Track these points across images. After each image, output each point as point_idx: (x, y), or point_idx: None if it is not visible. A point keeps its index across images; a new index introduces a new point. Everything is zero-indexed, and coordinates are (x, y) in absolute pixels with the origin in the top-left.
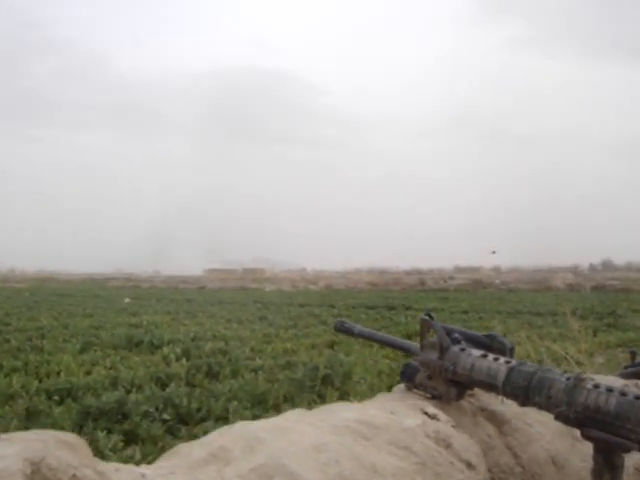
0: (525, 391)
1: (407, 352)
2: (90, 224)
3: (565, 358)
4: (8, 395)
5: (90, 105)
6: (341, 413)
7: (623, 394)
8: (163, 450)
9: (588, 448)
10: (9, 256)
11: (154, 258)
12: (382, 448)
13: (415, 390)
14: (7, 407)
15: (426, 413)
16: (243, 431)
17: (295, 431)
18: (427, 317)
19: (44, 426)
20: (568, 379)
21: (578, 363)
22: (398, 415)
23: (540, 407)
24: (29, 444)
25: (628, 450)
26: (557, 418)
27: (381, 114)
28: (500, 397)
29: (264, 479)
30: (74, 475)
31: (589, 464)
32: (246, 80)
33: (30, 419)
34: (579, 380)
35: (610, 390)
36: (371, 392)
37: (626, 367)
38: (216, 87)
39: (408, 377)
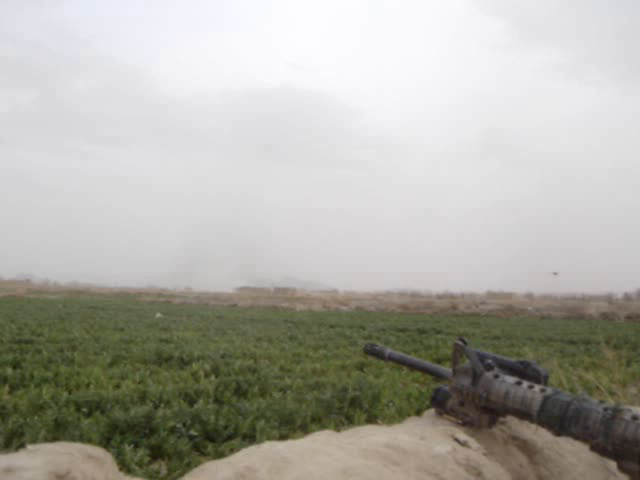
0: (561, 421)
1: (439, 377)
2: (125, 239)
3: (597, 387)
4: (38, 405)
5: (128, 121)
6: (370, 437)
7: None
8: (189, 466)
9: None
10: (44, 268)
11: (186, 274)
12: (411, 474)
13: (446, 416)
14: (36, 417)
15: (457, 440)
16: (270, 451)
17: (323, 453)
18: (460, 342)
19: (72, 437)
20: (605, 410)
21: (611, 393)
22: (428, 440)
23: (576, 438)
24: (55, 457)
25: None
26: (593, 449)
27: (415, 138)
28: (534, 426)
29: None
30: None
31: None
32: (281, 100)
33: (58, 430)
34: (617, 411)
35: None
36: (399, 416)
37: None
38: (252, 107)
39: (439, 402)
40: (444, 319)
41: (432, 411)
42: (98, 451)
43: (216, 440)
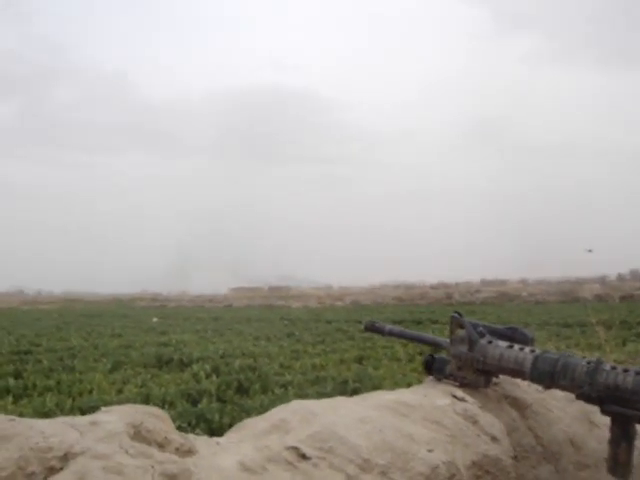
0: (551, 376)
1: (437, 346)
2: (115, 245)
3: None
4: (43, 413)
5: (112, 128)
6: (380, 396)
7: (638, 373)
8: None
9: (604, 432)
10: (36, 279)
11: (179, 278)
12: (417, 422)
13: (445, 380)
14: None
15: (455, 396)
16: (299, 407)
17: (343, 408)
18: (457, 315)
19: None
20: (589, 363)
21: None
22: (430, 397)
23: (564, 389)
24: (127, 413)
25: None
26: (579, 397)
27: (399, 130)
28: (524, 385)
29: (319, 443)
30: (165, 437)
31: (604, 446)
32: (267, 99)
33: None
34: (599, 363)
35: (626, 370)
36: None
37: None
38: (237, 107)
39: (438, 369)
40: (439, 309)
41: (431, 378)
42: (157, 410)
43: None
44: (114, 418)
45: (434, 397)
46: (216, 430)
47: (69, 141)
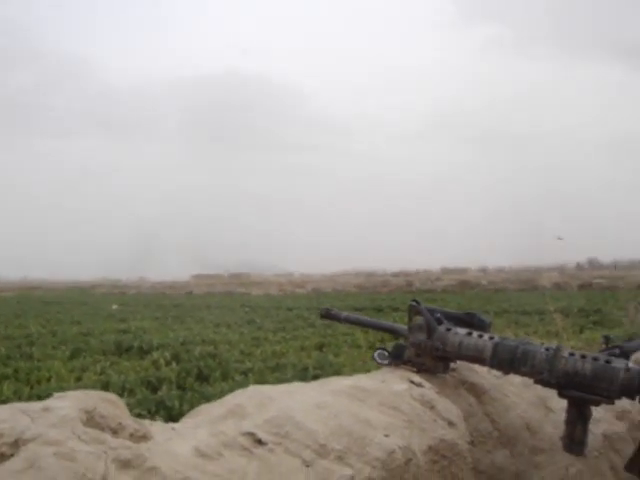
0: (510, 362)
1: (395, 334)
2: (75, 230)
3: None
4: (1, 402)
5: (73, 113)
6: (337, 382)
7: (595, 359)
8: None
9: (559, 416)
10: None
11: (140, 264)
12: (374, 407)
13: (403, 366)
14: None
15: (412, 382)
16: (255, 392)
17: (299, 393)
18: (414, 302)
19: None
20: (547, 349)
21: None
22: (387, 383)
23: (524, 375)
24: (80, 399)
25: (598, 404)
26: (537, 382)
27: (365, 117)
28: (482, 370)
29: (275, 428)
30: (119, 423)
31: (560, 431)
32: (230, 85)
33: None
34: (557, 350)
35: (584, 356)
36: None
37: (601, 351)
38: (200, 93)
39: (396, 354)
40: (400, 296)
41: (390, 368)
42: (112, 396)
43: None
44: (67, 404)
45: (391, 382)
46: (175, 417)
47: (28, 125)
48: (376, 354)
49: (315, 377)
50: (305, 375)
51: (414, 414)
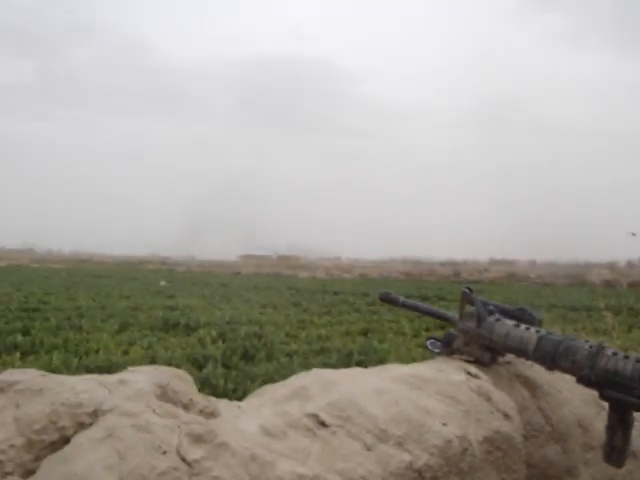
0: (552, 357)
1: (446, 321)
2: (126, 207)
3: None
4: (49, 371)
5: (129, 90)
6: (396, 369)
7: (638, 361)
8: None
9: None
10: (47, 237)
11: (189, 242)
12: (432, 396)
13: (455, 355)
14: None
15: (469, 372)
16: (318, 375)
17: (360, 379)
18: (467, 290)
19: None
20: (591, 347)
21: None
22: (445, 372)
23: (565, 371)
24: (153, 374)
25: (639, 409)
26: (579, 381)
27: (419, 105)
28: (536, 366)
29: (338, 411)
30: (190, 399)
31: None
32: (285, 68)
33: None
34: (600, 348)
35: (627, 357)
36: None
37: None
38: (255, 75)
39: (446, 343)
40: (447, 286)
41: (442, 355)
42: (182, 372)
43: None
44: (142, 378)
45: (449, 372)
46: (220, 395)
47: (85, 101)
48: (428, 342)
49: (359, 362)
50: (349, 360)
51: (471, 404)
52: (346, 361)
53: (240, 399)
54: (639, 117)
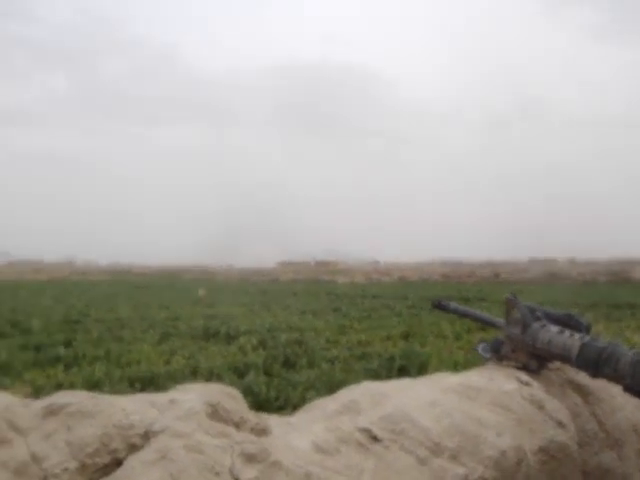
0: (595, 364)
1: (494, 327)
2: (165, 217)
3: None
4: (93, 382)
5: (164, 100)
6: (446, 379)
7: None
8: None
9: None
10: (86, 249)
11: (227, 250)
12: (484, 406)
13: (505, 362)
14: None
15: (520, 380)
16: (368, 388)
17: (411, 390)
18: (512, 297)
19: None
20: (635, 354)
21: None
22: (496, 381)
23: (609, 379)
24: (203, 392)
25: None
26: (626, 390)
27: (452, 106)
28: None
29: (390, 425)
30: (241, 417)
31: None
32: (316, 74)
33: None
34: None
35: None
36: None
37: None
38: (287, 82)
39: (494, 349)
40: (487, 287)
41: (491, 362)
42: (232, 390)
43: (268, 411)
44: (192, 397)
45: (500, 381)
46: (262, 403)
47: (121, 112)
48: (480, 347)
49: (401, 367)
50: (391, 365)
51: (524, 414)
52: (388, 366)
53: (282, 407)
54: None
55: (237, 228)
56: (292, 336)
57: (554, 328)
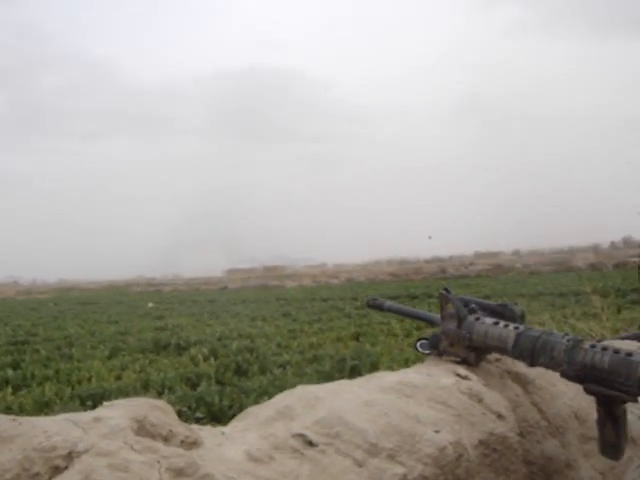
0: (531, 353)
1: (430, 323)
2: (107, 231)
3: (590, 336)
4: (43, 403)
5: (100, 114)
6: (384, 377)
7: (616, 352)
8: None
9: None
10: (31, 268)
11: (173, 261)
12: (423, 403)
13: (444, 357)
14: (43, 414)
15: (458, 374)
16: (303, 393)
17: (347, 392)
18: (445, 291)
19: None
20: (568, 341)
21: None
22: (434, 377)
23: (546, 367)
24: (129, 407)
25: (625, 402)
26: (562, 376)
27: (388, 106)
28: (511, 359)
29: (326, 429)
30: (170, 430)
31: None
32: (252, 80)
33: None
34: (577, 342)
35: (605, 349)
36: None
37: (621, 337)
38: (223, 88)
39: (433, 345)
40: (434, 283)
41: (432, 357)
42: (161, 403)
43: (222, 420)
44: (117, 413)
45: (438, 376)
46: (216, 412)
47: (58, 128)
48: (418, 344)
49: (353, 368)
50: (343, 366)
51: (463, 408)
52: (340, 367)
53: (236, 415)
54: (615, 100)
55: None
56: (243, 343)
57: (489, 320)
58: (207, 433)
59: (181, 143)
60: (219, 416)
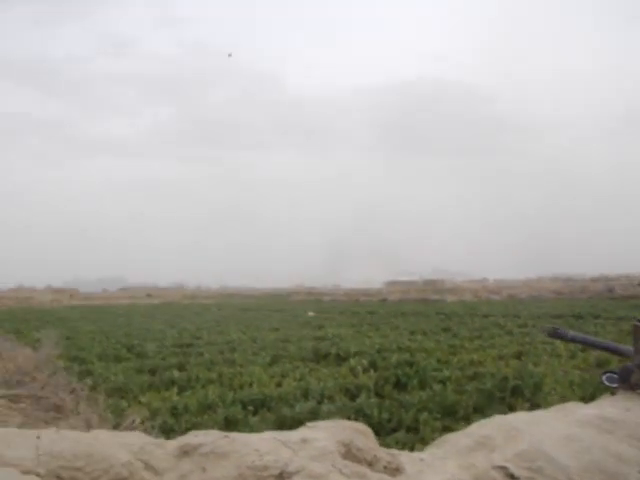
0: None
1: (621, 355)
2: (270, 240)
3: None
4: (206, 405)
5: (267, 126)
6: (579, 410)
7: None
8: None
9: None
10: (195, 274)
11: (334, 271)
12: (623, 440)
13: (638, 391)
14: (206, 416)
15: None
16: (501, 422)
17: (544, 424)
18: (639, 322)
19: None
20: None
21: None
22: (633, 412)
23: None
24: (334, 430)
25: None
26: None
27: (554, 119)
28: None
29: (528, 462)
30: (375, 455)
31: None
32: (417, 92)
33: (229, 427)
34: None
35: None
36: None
37: None
38: (388, 101)
39: (623, 378)
40: (600, 303)
41: (622, 391)
42: (363, 426)
43: (380, 433)
44: (323, 435)
45: (637, 412)
46: (375, 425)
47: (226, 140)
48: (605, 377)
49: (515, 388)
50: (504, 385)
51: None
52: (501, 387)
53: (395, 429)
54: None
55: (344, 249)
56: (402, 357)
57: None
58: (406, 458)
59: (344, 154)
60: (377, 429)
